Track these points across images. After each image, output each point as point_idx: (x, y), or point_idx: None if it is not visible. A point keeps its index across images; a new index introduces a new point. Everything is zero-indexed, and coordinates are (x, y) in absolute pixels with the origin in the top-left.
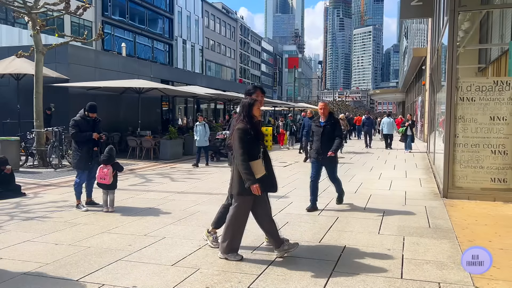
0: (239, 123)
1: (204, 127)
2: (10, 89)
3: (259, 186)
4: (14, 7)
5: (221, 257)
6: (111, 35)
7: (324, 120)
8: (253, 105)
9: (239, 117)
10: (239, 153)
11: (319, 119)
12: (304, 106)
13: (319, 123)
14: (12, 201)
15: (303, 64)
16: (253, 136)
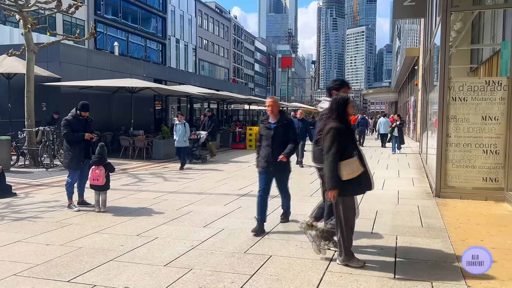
0: (332, 122)
1: (184, 126)
2: (1, 88)
3: (337, 192)
4: (5, 5)
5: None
6: (103, 34)
7: (275, 121)
8: (346, 102)
9: (330, 115)
10: (331, 152)
11: (268, 120)
12: (297, 106)
13: (268, 125)
14: (2, 201)
15: (297, 64)
16: (348, 135)
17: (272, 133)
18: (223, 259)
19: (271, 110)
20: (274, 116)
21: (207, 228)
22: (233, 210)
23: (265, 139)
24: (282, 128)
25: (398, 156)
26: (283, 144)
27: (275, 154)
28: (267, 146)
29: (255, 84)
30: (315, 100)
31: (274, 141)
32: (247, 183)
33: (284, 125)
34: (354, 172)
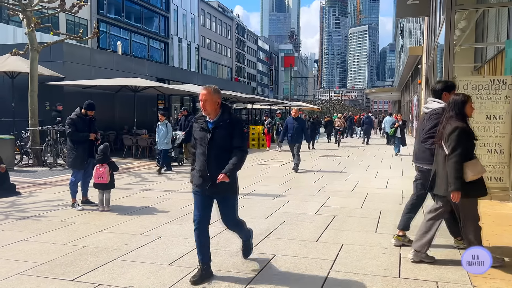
0: (456, 121)
1: (165, 127)
2: (5, 87)
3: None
4: (8, 5)
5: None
6: (106, 34)
7: (214, 119)
8: (466, 102)
9: (451, 115)
10: (457, 153)
11: (205, 119)
12: (300, 105)
13: (205, 125)
14: (6, 200)
15: (299, 63)
16: (472, 135)
17: (209, 136)
18: (227, 258)
19: (204, 107)
20: (213, 112)
21: (210, 227)
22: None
23: (200, 145)
24: (224, 129)
25: (402, 155)
26: (225, 153)
27: (213, 168)
28: (202, 154)
29: (257, 83)
30: (318, 99)
31: (211, 148)
32: (249, 183)
33: (228, 125)
34: (479, 173)
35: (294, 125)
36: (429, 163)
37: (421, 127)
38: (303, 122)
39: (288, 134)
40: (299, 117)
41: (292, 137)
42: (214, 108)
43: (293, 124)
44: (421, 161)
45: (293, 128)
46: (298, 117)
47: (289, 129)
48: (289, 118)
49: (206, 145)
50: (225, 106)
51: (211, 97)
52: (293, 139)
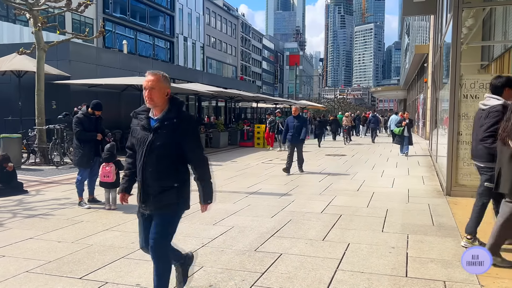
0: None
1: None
2: (12, 86)
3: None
4: (15, 4)
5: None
6: (112, 33)
7: (159, 116)
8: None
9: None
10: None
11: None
12: (305, 104)
13: (146, 122)
14: (14, 198)
15: (304, 62)
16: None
17: (149, 137)
18: (233, 256)
19: (150, 97)
20: (157, 107)
21: (217, 226)
22: (242, 208)
23: (139, 146)
24: (170, 130)
25: (409, 155)
26: (168, 162)
27: (149, 180)
28: (138, 161)
29: (262, 82)
30: (323, 97)
31: (150, 153)
32: (255, 181)
33: (175, 125)
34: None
35: (295, 123)
36: (486, 161)
37: (477, 124)
38: (304, 120)
39: (288, 133)
40: (299, 115)
41: (293, 136)
42: (163, 100)
43: (294, 122)
44: (481, 160)
45: (293, 127)
46: (298, 115)
47: (290, 128)
48: (290, 117)
49: (145, 148)
50: (175, 100)
51: (160, 85)
52: (294, 138)
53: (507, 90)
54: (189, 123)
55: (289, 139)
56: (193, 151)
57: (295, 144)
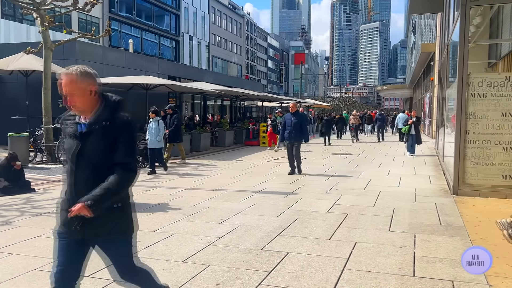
0: None
1: (157, 124)
2: (19, 85)
3: None
4: (22, 4)
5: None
6: (118, 32)
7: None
8: None
9: None
10: None
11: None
12: (310, 102)
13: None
14: (21, 196)
15: (310, 60)
16: None
17: (78, 146)
18: (240, 255)
19: (72, 104)
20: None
21: (223, 225)
22: (248, 207)
23: (68, 158)
24: (100, 136)
25: (416, 155)
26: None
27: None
28: (69, 175)
29: (268, 80)
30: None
31: (80, 165)
32: (261, 180)
33: (107, 129)
34: None
35: (292, 120)
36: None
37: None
38: (303, 117)
39: (286, 131)
40: (297, 111)
41: (290, 134)
42: (88, 102)
43: (291, 119)
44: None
45: (291, 124)
46: (296, 112)
47: (287, 125)
48: (287, 114)
49: (74, 161)
50: (107, 99)
51: (78, 86)
52: (291, 137)
53: None
54: (124, 126)
55: (286, 138)
56: (123, 157)
57: (293, 142)
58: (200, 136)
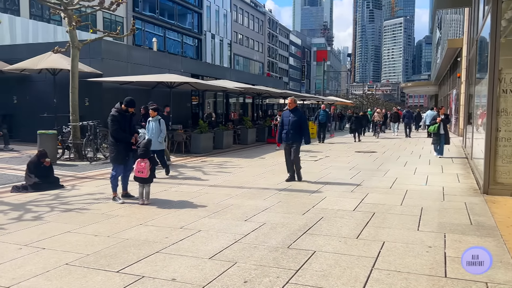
0: None
1: (158, 123)
2: (47, 84)
3: None
4: (51, 4)
5: None
6: (141, 31)
7: None
8: None
9: None
10: None
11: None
12: (333, 99)
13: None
14: (51, 192)
15: (332, 57)
16: None
17: None
18: (266, 253)
19: None
20: None
21: (248, 222)
22: (273, 205)
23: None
24: None
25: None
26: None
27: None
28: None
29: (289, 78)
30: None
31: None
32: (285, 178)
33: None
34: None
35: (290, 119)
36: None
37: None
38: (302, 115)
39: (283, 131)
40: (296, 108)
41: (288, 134)
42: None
43: (289, 117)
44: None
45: (288, 123)
46: (295, 109)
47: (285, 124)
48: (285, 111)
49: None
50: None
51: None
52: (289, 137)
53: None
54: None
55: (284, 138)
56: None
57: (291, 144)
58: (223, 134)
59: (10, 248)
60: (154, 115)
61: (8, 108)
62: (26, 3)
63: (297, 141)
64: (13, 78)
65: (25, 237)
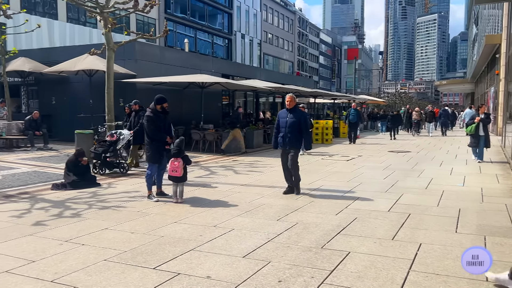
0: None
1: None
2: (84, 85)
3: None
4: (87, 8)
5: None
6: (173, 32)
7: None
8: None
9: None
10: None
11: None
12: (364, 98)
13: None
14: (88, 190)
15: (363, 55)
16: None
17: None
18: (300, 253)
19: None
20: None
21: (281, 222)
22: (305, 204)
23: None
24: None
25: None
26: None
27: None
28: None
29: (319, 77)
30: (383, 92)
31: None
32: (316, 178)
33: None
34: None
35: (288, 119)
36: None
37: None
38: (302, 116)
39: (279, 134)
40: (296, 108)
41: (284, 138)
42: None
43: (286, 118)
44: None
45: (285, 125)
46: (294, 108)
47: (281, 126)
48: (282, 111)
49: None
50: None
51: None
52: (286, 142)
53: None
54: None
55: (280, 143)
56: None
57: (288, 150)
58: (254, 133)
59: (52, 243)
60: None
61: (47, 108)
62: (63, 7)
63: (295, 147)
64: (52, 80)
65: (65, 233)
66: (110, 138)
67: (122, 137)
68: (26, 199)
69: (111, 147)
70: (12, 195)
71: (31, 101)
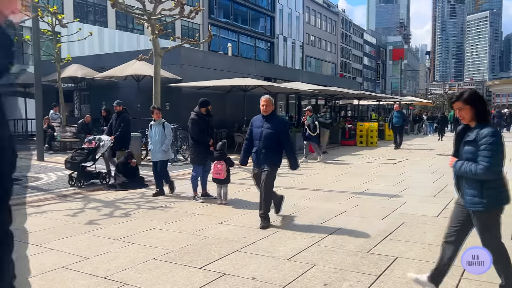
0: None
1: (162, 128)
2: (132, 89)
3: None
4: (136, 15)
5: None
6: (217, 36)
7: None
8: None
9: None
10: None
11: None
12: (411, 100)
13: None
14: (137, 191)
15: (409, 55)
16: None
17: None
18: (345, 257)
19: None
20: None
21: (325, 225)
22: (350, 208)
23: None
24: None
25: None
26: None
27: None
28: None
29: (363, 78)
30: (431, 93)
31: None
32: (361, 181)
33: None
34: None
35: (263, 130)
36: None
37: None
38: (281, 123)
39: (253, 148)
40: (274, 114)
41: (258, 154)
42: None
43: (261, 128)
44: None
45: (260, 136)
46: (272, 115)
47: (254, 138)
48: (256, 117)
49: None
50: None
51: None
52: (260, 159)
53: None
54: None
55: (253, 160)
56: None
57: (263, 168)
58: (296, 136)
59: (104, 242)
60: (158, 117)
61: (98, 113)
62: (113, 15)
63: (271, 165)
64: (103, 85)
65: (116, 232)
66: (88, 145)
67: (102, 143)
68: (80, 199)
69: (90, 155)
70: (67, 195)
71: (83, 106)
